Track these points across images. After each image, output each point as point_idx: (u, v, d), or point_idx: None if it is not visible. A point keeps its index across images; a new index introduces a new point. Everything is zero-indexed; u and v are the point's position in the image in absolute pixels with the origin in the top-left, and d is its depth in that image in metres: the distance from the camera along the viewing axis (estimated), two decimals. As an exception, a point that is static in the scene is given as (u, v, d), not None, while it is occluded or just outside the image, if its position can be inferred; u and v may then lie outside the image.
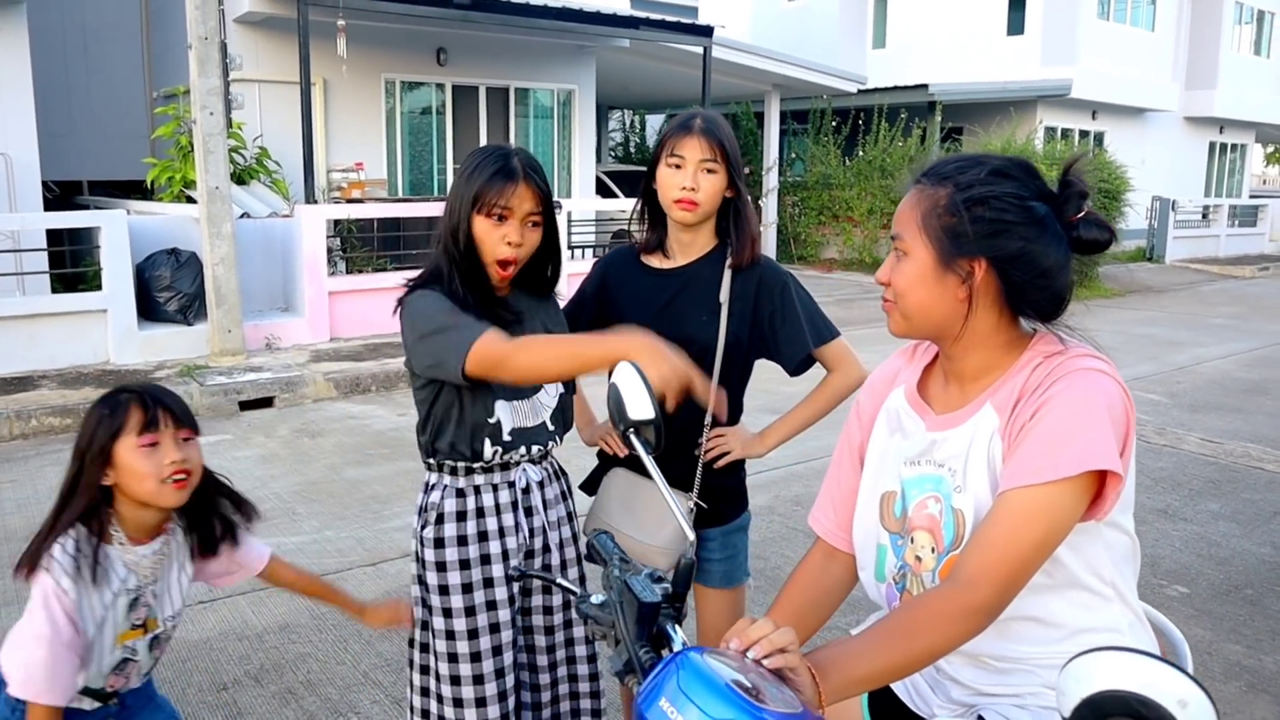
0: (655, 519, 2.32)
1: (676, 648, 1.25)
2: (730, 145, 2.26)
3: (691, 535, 1.31)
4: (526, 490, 2.14)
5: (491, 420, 2.04)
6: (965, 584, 1.38)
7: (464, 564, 2.07)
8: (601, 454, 2.48)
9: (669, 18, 12.99)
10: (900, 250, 1.56)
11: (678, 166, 2.23)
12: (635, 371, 1.50)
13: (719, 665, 1.15)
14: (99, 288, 8.28)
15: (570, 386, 2.22)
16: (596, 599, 1.32)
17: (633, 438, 1.48)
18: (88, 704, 1.90)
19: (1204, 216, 21.85)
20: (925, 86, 16.92)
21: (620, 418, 1.48)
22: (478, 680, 2.08)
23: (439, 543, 2.08)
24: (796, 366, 2.35)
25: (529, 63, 13.49)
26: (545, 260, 2.16)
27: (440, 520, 2.08)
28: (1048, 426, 1.42)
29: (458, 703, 2.09)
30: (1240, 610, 4.12)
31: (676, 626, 1.27)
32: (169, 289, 8.49)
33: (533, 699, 2.21)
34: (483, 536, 2.09)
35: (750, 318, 2.33)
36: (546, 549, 2.19)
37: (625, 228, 2.48)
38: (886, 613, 1.78)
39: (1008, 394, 1.51)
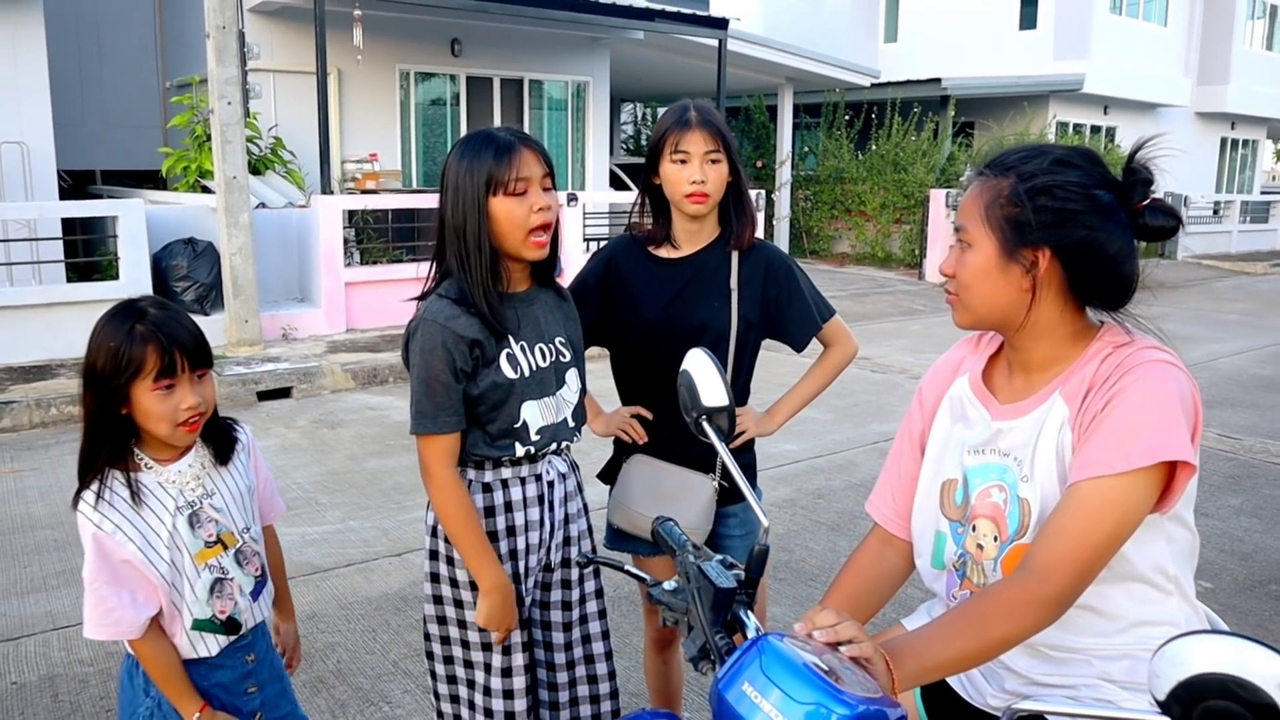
0: (681, 500, 2.35)
1: (751, 633, 1.26)
2: (727, 132, 2.32)
3: (766, 522, 1.31)
4: (551, 484, 2.13)
5: (518, 424, 2.03)
6: (1038, 575, 1.39)
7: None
8: (618, 443, 2.51)
9: (683, 10, 12.95)
10: (964, 242, 1.56)
11: (683, 162, 2.27)
12: (708, 358, 1.49)
13: (799, 650, 1.15)
14: (115, 277, 8.30)
15: (584, 387, 2.22)
16: (669, 585, 1.32)
17: (705, 425, 1.47)
18: (212, 641, 1.87)
19: (1215, 213, 21.78)
20: (938, 81, 16.86)
21: (693, 405, 1.48)
22: (506, 673, 2.08)
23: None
24: (803, 345, 2.46)
25: (543, 54, 13.47)
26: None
27: None
28: (1120, 417, 1.43)
29: (487, 691, 2.08)
30: (1265, 606, 4.12)
31: (750, 612, 1.27)
32: (186, 279, 8.50)
33: (550, 698, 2.19)
34: (510, 531, 2.07)
35: (759, 301, 2.40)
36: (567, 541, 2.18)
37: (636, 221, 2.50)
38: (939, 603, 1.78)
39: (1077, 384, 1.51)
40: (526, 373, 2.04)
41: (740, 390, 2.45)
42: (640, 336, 2.38)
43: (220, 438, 1.93)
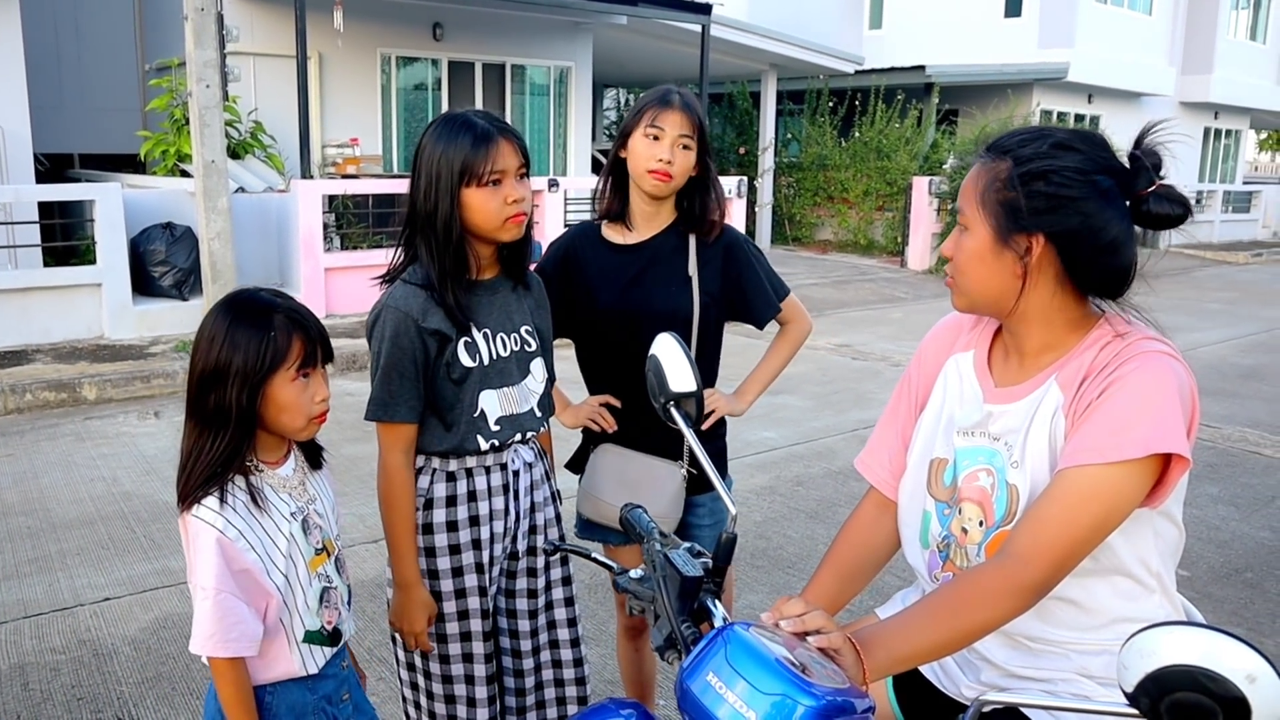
0: (649, 488, 2.35)
1: (718, 623, 1.24)
2: (705, 124, 2.32)
3: (734, 509, 1.29)
4: (517, 472, 2.12)
5: (476, 414, 2.02)
6: (1017, 560, 1.37)
7: (454, 549, 2.05)
8: (586, 432, 2.50)
9: (667, -5, 12.89)
10: (962, 225, 1.54)
11: (656, 138, 2.26)
12: (676, 342, 1.47)
13: (765, 640, 1.14)
14: (92, 261, 8.22)
15: (552, 377, 2.21)
16: (635, 574, 1.30)
17: (673, 410, 1.45)
18: (319, 654, 1.78)
19: (1198, 202, 21.86)
20: (922, 68, 16.83)
21: (661, 390, 1.46)
22: (467, 659, 2.08)
23: (427, 528, 2.04)
24: (764, 324, 2.47)
25: (526, 39, 13.38)
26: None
27: (430, 505, 2.04)
28: (1115, 406, 1.40)
29: (447, 680, 2.08)
30: (1241, 593, 4.14)
31: (717, 601, 1.25)
32: (164, 263, 8.43)
33: (516, 684, 2.19)
34: (473, 521, 2.06)
35: (719, 283, 2.38)
36: (533, 530, 2.17)
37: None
38: (915, 590, 1.76)
39: (1074, 371, 1.49)
40: (485, 361, 2.03)
41: (708, 373, 2.45)
42: (599, 325, 2.38)
43: (310, 443, 1.85)
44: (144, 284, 8.44)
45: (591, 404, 2.42)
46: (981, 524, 1.55)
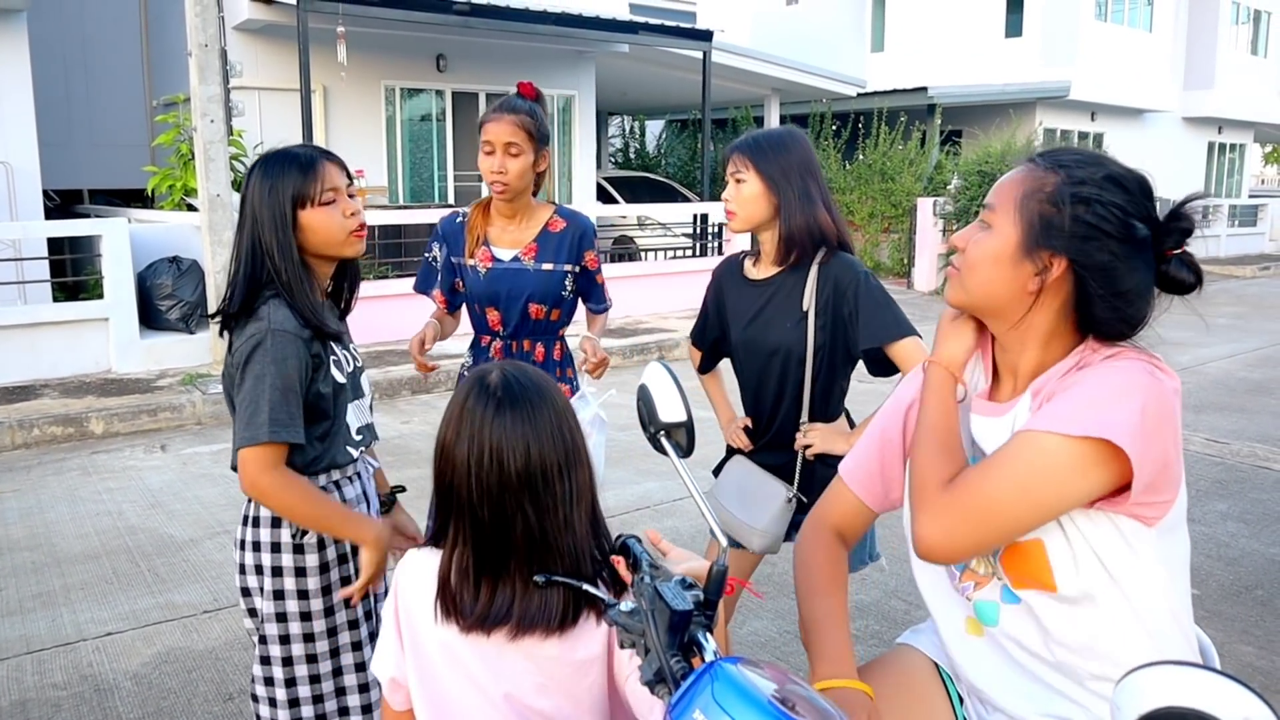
0: (759, 503, 2.46)
1: (709, 657, 1.23)
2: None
3: (725, 542, 1.28)
4: (363, 480, 2.20)
5: (344, 426, 2.10)
6: (939, 492, 1.42)
7: (323, 567, 2.06)
8: (729, 445, 2.67)
9: (668, 22, 12.97)
10: (986, 222, 1.51)
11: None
12: (666, 372, 1.47)
13: (753, 676, 1.13)
14: (100, 296, 8.26)
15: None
16: (625, 606, 1.28)
17: (664, 440, 1.44)
18: None
19: (1204, 216, 21.82)
20: (925, 89, 16.91)
21: (651, 420, 1.46)
22: (360, 669, 2.11)
23: (299, 549, 2.04)
24: (876, 367, 2.46)
25: (528, 68, 13.46)
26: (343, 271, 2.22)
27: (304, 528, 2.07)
28: (1078, 391, 1.40)
29: (341, 692, 2.11)
30: (1251, 611, 4.09)
31: (708, 635, 1.24)
32: (171, 297, 8.46)
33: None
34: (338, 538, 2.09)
35: (831, 320, 2.40)
36: None
37: (625, 234, 2.64)
38: (953, 627, 1.67)
39: (1044, 379, 1.49)
40: (347, 376, 2.11)
41: (826, 413, 2.52)
42: (735, 353, 2.57)
43: None
44: (151, 318, 8.48)
45: (734, 423, 2.63)
46: None
